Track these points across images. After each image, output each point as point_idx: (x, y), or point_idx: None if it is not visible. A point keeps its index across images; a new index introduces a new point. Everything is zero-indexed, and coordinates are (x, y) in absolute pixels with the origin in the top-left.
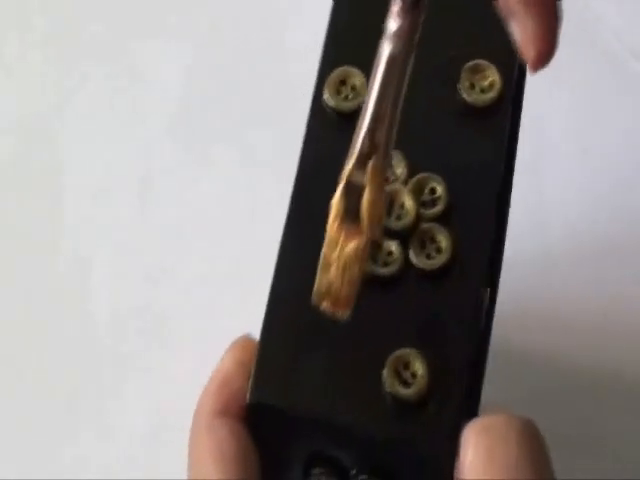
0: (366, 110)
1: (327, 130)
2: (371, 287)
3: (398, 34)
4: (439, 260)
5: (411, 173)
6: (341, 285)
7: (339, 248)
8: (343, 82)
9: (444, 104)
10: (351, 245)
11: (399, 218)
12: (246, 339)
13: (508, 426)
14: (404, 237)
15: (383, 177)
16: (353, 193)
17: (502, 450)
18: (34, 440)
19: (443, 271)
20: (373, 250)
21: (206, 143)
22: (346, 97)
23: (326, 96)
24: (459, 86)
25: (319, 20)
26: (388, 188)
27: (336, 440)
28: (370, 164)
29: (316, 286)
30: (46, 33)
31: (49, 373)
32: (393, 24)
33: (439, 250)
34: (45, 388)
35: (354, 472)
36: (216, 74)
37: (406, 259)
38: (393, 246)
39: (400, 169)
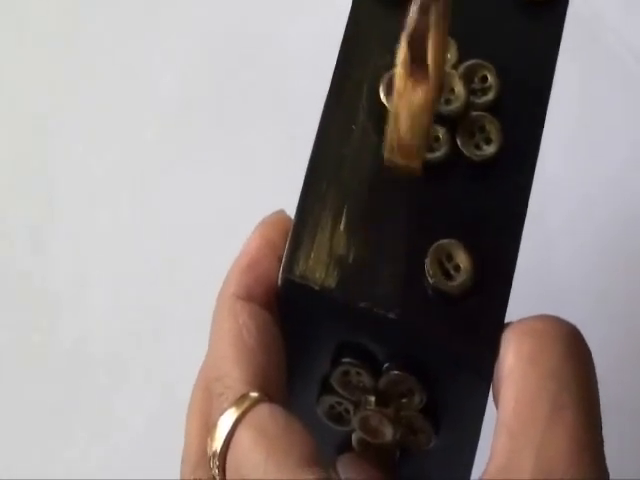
0: None
1: (375, 6)
2: None
3: None
4: (487, 150)
5: (461, 59)
6: (412, 136)
7: (407, 97)
8: None
9: None
10: (419, 93)
11: (448, 103)
12: (279, 216)
13: (554, 330)
14: (452, 123)
15: (447, 21)
16: (417, 39)
17: (546, 355)
18: (32, 440)
19: (491, 162)
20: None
21: (204, 143)
22: None
23: None
24: None
25: (318, 20)
26: None
27: (370, 329)
28: (433, 8)
29: (387, 141)
30: (45, 33)
31: (47, 373)
32: None
33: (488, 140)
34: (43, 389)
35: (386, 366)
36: (213, 74)
37: (453, 147)
38: (441, 132)
39: (450, 54)
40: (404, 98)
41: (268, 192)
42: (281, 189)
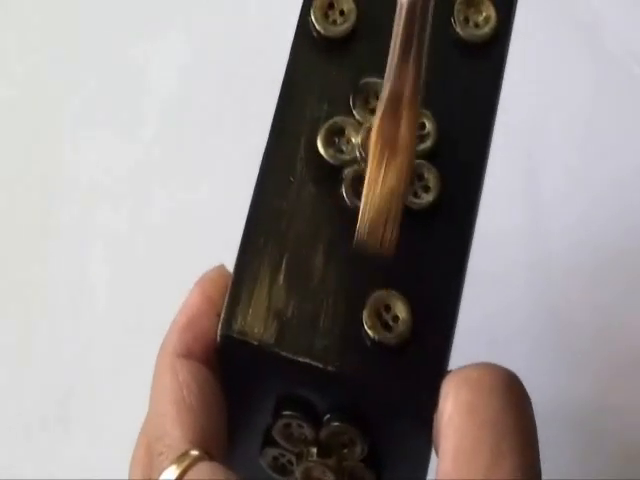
0: (392, 63)
1: (313, 55)
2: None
3: None
4: (425, 199)
5: None
6: (382, 223)
7: (380, 182)
8: (331, 6)
9: (436, 37)
10: (392, 177)
11: None
12: (218, 271)
13: (490, 379)
14: None
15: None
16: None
17: (484, 404)
18: (30, 439)
19: (429, 210)
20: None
21: (204, 142)
22: (334, 22)
23: (313, 19)
24: (452, 19)
25: None
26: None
27: (310, 382)
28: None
29: (358, 225)
30: (45, 33)
31: (47, 371)
32: None
33: (426, 188)
34: (42, 387)
35: (327, 418)
36: (214, 73)
37: None
38: None
39: None
40: (376, 183)
41: None
42: None
